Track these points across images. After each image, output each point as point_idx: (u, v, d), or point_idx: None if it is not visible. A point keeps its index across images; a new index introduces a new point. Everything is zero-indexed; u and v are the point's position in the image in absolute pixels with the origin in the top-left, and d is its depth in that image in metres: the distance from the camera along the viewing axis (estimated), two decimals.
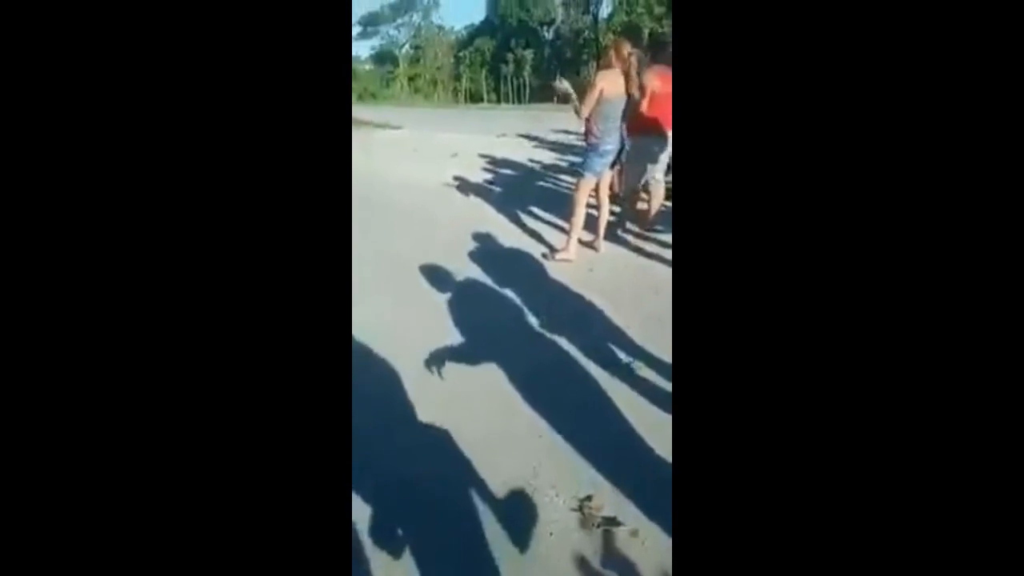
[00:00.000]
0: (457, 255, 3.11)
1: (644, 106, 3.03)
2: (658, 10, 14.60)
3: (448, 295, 2.63)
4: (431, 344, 2.14)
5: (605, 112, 2.78)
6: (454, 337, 2.24)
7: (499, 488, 1.44)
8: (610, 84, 2.75)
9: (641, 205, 3.55)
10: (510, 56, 18.48)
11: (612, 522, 1.31)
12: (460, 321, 2.37)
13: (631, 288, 2.71)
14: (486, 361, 2.05)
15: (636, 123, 3.16)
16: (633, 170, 3.42)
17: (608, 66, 2.80)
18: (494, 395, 1.86)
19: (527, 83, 13.98)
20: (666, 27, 13.83)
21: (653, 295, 2.62)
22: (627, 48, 2.81)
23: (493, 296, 2.67)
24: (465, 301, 2.60)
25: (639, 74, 2.87)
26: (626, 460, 1.53)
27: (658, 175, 3.40)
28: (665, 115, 3.20)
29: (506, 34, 20.59)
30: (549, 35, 18.24)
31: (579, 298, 2.64)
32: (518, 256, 3.24)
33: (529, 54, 14.61)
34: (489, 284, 2.79)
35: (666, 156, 3.43)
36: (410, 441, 1.64)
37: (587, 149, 2.97)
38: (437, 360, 2.00)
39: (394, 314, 2.27)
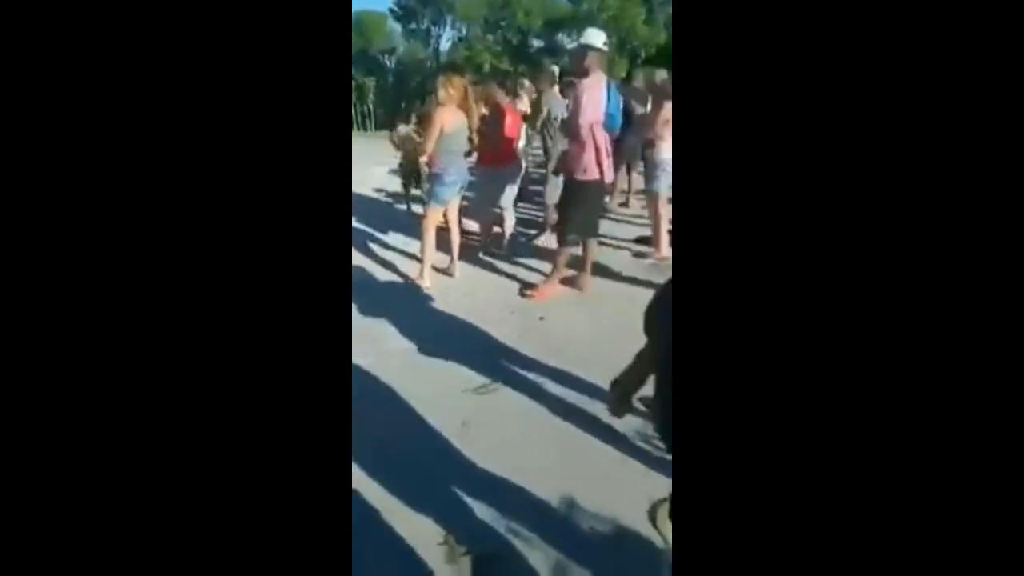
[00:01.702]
0: None
1: (488, 136, 3.21)
2: (495, 48, 15.63)
3: None
4: None
5: (445, 145, 2.87)
6: None
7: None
8: (448, 118, 2.85)
9: (496, 230, 3.72)
10: (354, 84, 18.05)
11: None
12: None
13: (489, 310, 2.80)
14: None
15: (483, 154, 3.34)
16: (481, 199, 3.59)
17: (443, 102, 2.87)
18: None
19: (371, 110, 13.75)
20: (504, 63, 14.83)
21: (509, 315, 2.75)
22: (458, 82, 2.92)
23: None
24: None
25: (476, 105, 3.04)
26: (501, 484, 1.57)
27: (506, 203, 3.60)
28: (509, 145, 3.43)
29: None
30: (391, 64, 18.27)
31: (438, 323, 2.65)
32: (373, 286, 3.15)
33: (371, 82, 14.41)
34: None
35: (515, 186, 3.67)
36: None
37: (431, 179, 3.04)
38: None
39: None
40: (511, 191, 3.62)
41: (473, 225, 3.78)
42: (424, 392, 2.02)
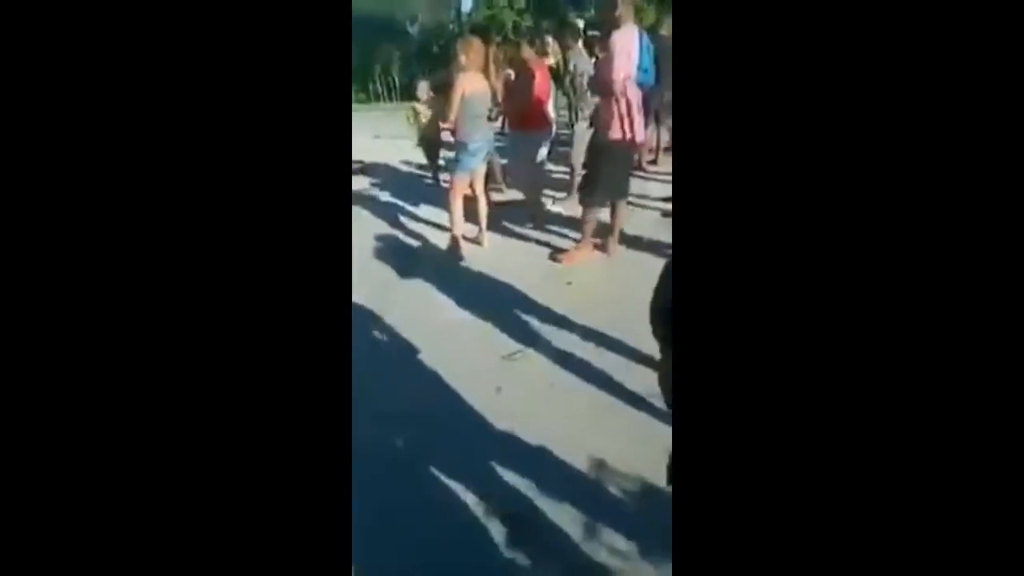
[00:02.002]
0: None
1: (518, 99, 3.12)
2: (518, 4, 15.02)
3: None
4: None
5: (469, 111, 2.82)
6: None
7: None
8: (470, 84, 2.78)
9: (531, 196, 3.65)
10: (378, 54, 17.85)
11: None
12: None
13: (519, 278, 2.80)
14: (370, 371, 2.00)
15: (513, 118, 3.26)
16: (515, 163, 3.51)
17: (464, 68, 2.80)
18: (381, 402, 1.83)
19: (396, 81, 13.60)
20: (527, 20, 14.28)
21: (539, 282, 2.74)
22: (477, 46, 2.84)
23: (379, 303, 2.60)
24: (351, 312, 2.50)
25: (499, 66, 2.96)
26: (531, 447, 1.60)
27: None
28: (540, 107, 3.32)
29: (370, 31, 19.86)
30: (414, 31, 17.93)
31: (468, 292, 2.67)
32: (403, 257, 3.19)
33: (396, 51, 14.23)
34: (373, 289, 2.72)
35: (545, 149, 3.57)
36: None
37: (456, 147, 3.01)
38: None
39: None
40: (543, 153, 3.52)
41: (512, 194, 3.69)
42: (455, 360, 2.06)
